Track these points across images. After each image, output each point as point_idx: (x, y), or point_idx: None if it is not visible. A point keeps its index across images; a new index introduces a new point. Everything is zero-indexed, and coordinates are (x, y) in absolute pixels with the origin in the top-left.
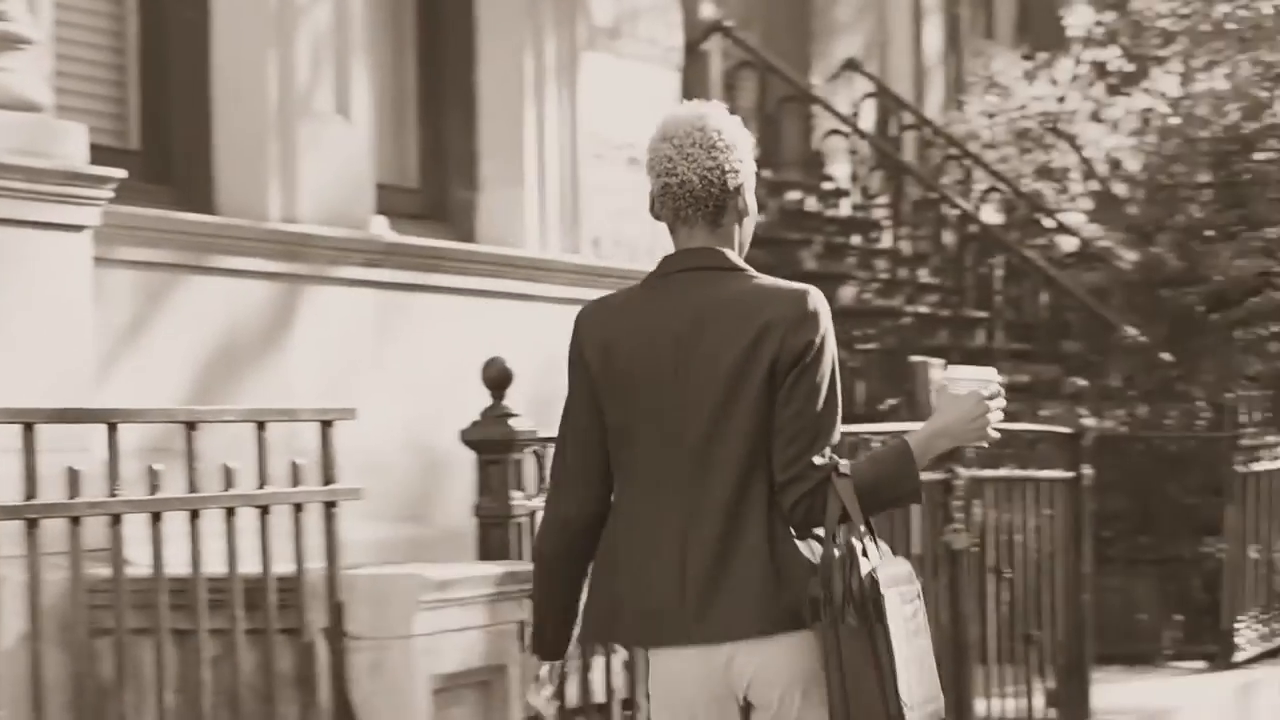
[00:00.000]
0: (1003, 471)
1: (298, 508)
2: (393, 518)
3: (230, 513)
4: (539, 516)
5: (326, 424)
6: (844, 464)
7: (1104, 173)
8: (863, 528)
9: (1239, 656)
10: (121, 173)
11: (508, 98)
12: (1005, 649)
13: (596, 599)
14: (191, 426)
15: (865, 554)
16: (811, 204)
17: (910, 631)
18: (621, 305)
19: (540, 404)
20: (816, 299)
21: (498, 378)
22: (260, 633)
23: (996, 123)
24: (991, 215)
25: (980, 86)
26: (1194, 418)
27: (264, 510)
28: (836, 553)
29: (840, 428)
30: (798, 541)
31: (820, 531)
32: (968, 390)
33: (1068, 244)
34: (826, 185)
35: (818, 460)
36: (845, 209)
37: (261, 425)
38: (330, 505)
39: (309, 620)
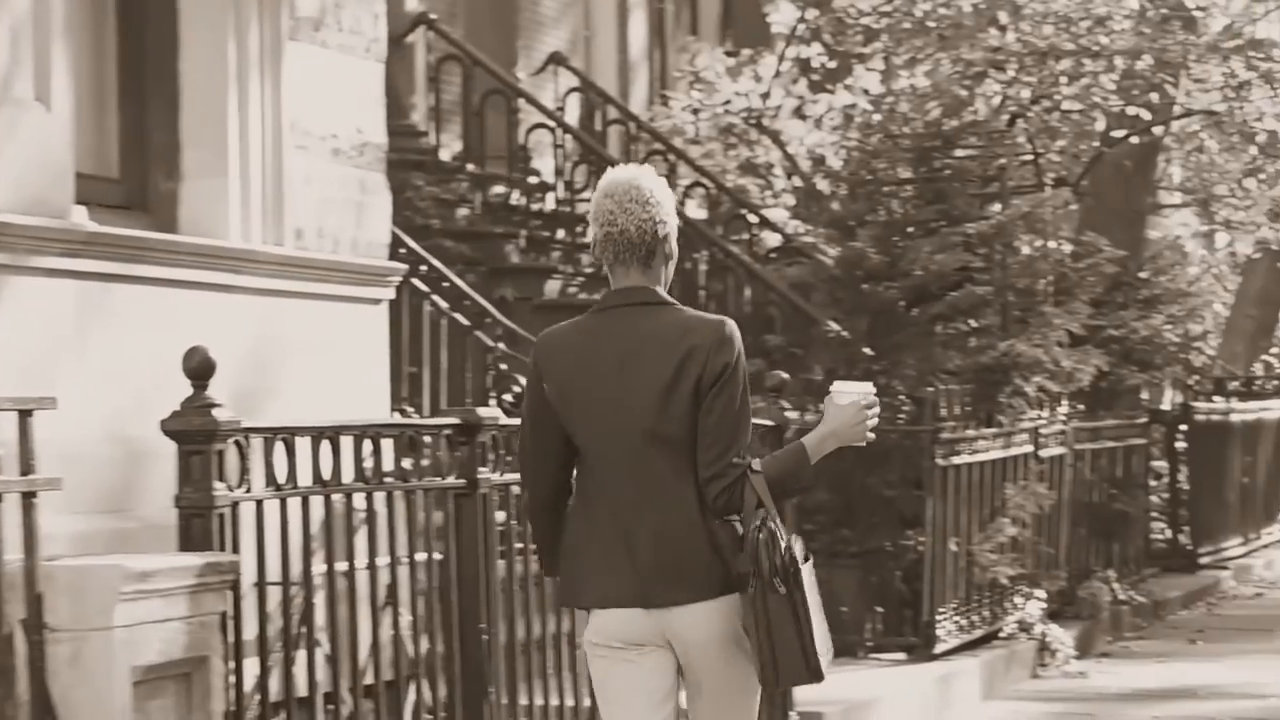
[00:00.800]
0: None
1: None
2: (93, 510)
3: None
4: (242, 507)
5: (25, 413)
6: (756, 463)
7: (807, 169)
8: (776, 518)
9: (939, 648)
10: None
11: (210, 87)
12: None
13: (565, 574)
14: None
15: (783, 536)
16: (516, 198)
17: (815, 597)
18: (573, 334)
19: (244, 395)
20: (731, 328)
21: (199, 368)
22: None
23: (701, 118)
24: (696, 210)
25: (685, 82)
26: (896, 411)
27: None
28: (760, 535)
29: (750, 432)
30: (720, 525)
31: (737, 517)
32: (850, 401)
33: (771, 239)
34: (531, 180)
35: (735, 460)
36: (550, 203)
37: None
38: (29, 496)
39: (7, 612)
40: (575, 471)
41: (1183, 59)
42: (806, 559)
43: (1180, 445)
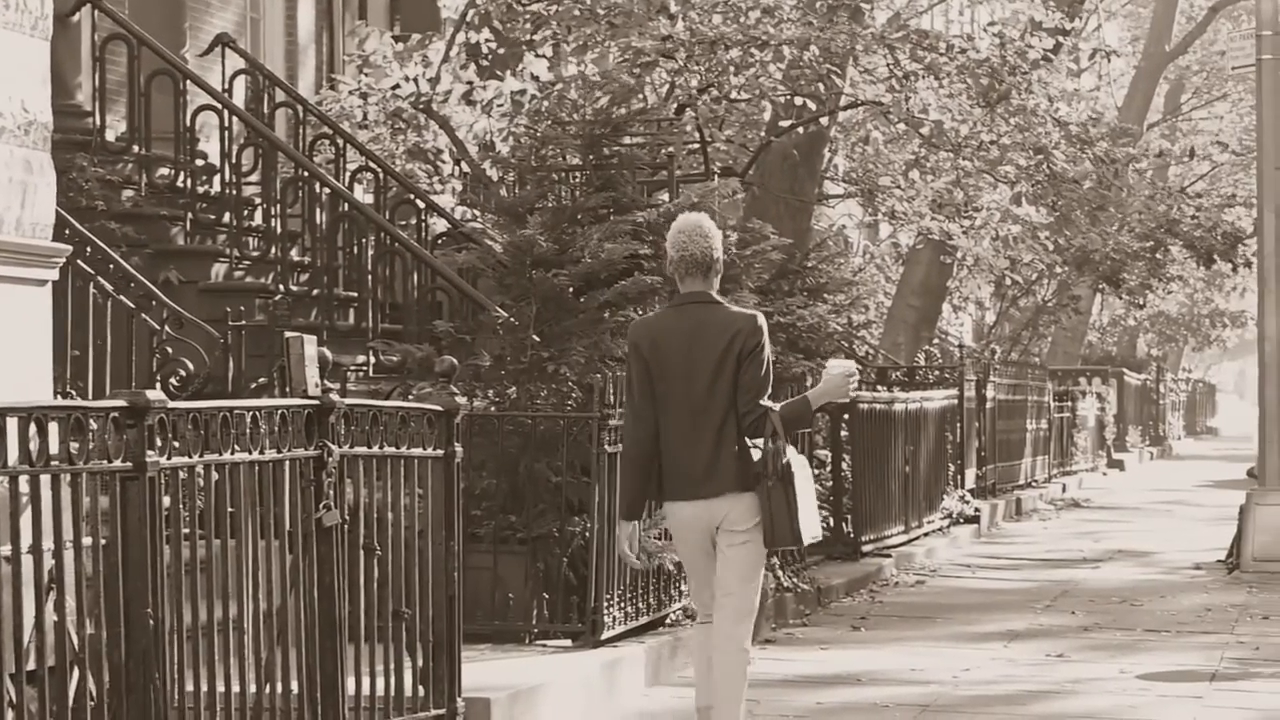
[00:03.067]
0: (375, 449)
1: None
2: None
3: None
4: None
5: None
6: (775, 406)
7: (476, 155)
8: (784, 440)
9: (605, 634)
10: None
11: None
12: (376, 627)
13: (657, 480)
14: None
15: (785, 453)
16: (182, 180)
17: (807, 494)
18: (657, 320)
19: None
20: (761, 319)
21: None
22: None
23: (370, 103)
24: (363, 195)
25: (354, 66)
26: (564, 398)
27: None
28: (772, 450)
29: (770, 387)
30: (751, 447)
31: (761, 441)
32: (838, 371)
33: (440, 225)
34: (198, 162)
35: (761, 403)
36: (217, 186)
37: None
38: None
39: None
40: None
41: (850, 50)
42: (805, 467)
43: (844, 434)
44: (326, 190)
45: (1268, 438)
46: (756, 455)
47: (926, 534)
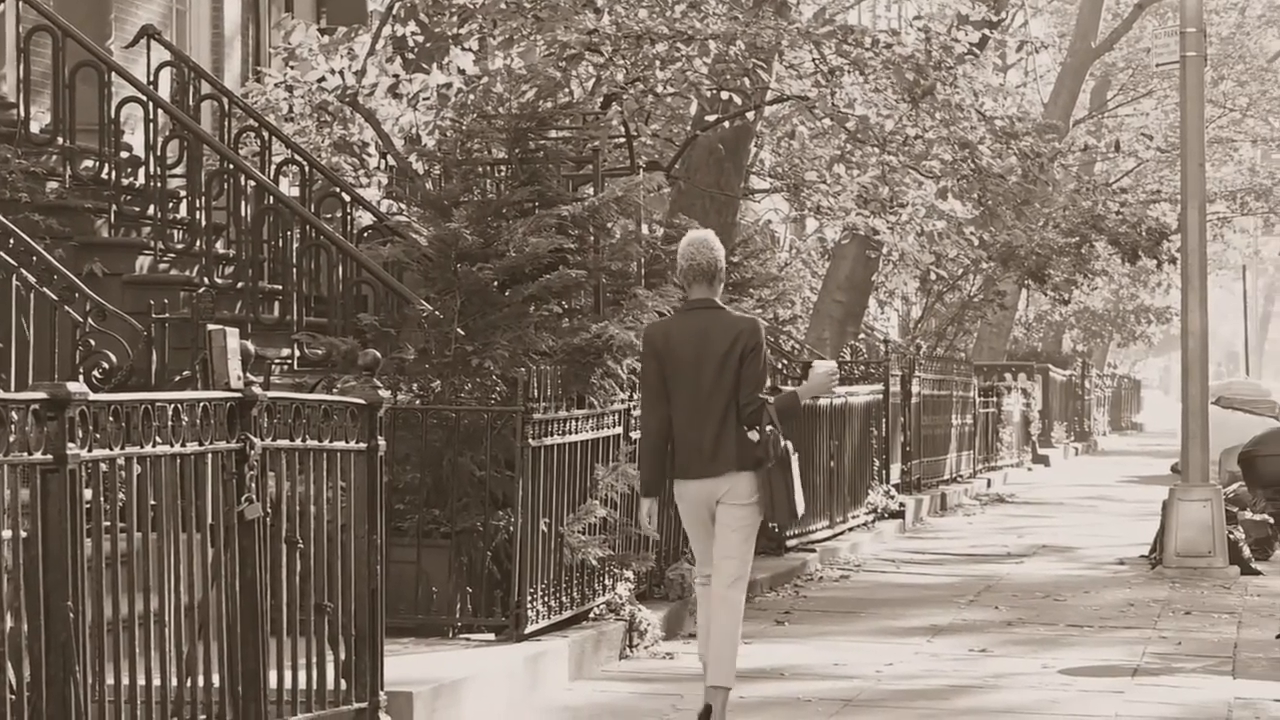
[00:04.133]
0: (297, 442)
1: None
2: None
3: None
4: None
5: None
6: (770, 399)
7: (402, 148)
8: (779, 429)
9: (529, 628)
10: None
11: None
12: (298, 620)
13: (671, 462)
14: None
15: (782, 440)
16: (107, 172)
17: (797, 475)
18: (670, 323)
19: None
20: (759, 323)
21: None
22: None
23: (296, 95)
24: (289, 188)
25: (280, 59)
26: (489, 392)
27: None
28: (771, 437)
29: (767, 381)
30: (749, 434)
31: (757, 429)
32: (823, 370)
33: (365, 218)
34: (123, 154)
35: (758, 396)
36: (141, 178)
37: None
38: None
39: None
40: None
41: (775, 44)
42: (794, 453)
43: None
44: (252, 183)
45: (1191, 434)
46: (754, 438)
47: (851, 529)
